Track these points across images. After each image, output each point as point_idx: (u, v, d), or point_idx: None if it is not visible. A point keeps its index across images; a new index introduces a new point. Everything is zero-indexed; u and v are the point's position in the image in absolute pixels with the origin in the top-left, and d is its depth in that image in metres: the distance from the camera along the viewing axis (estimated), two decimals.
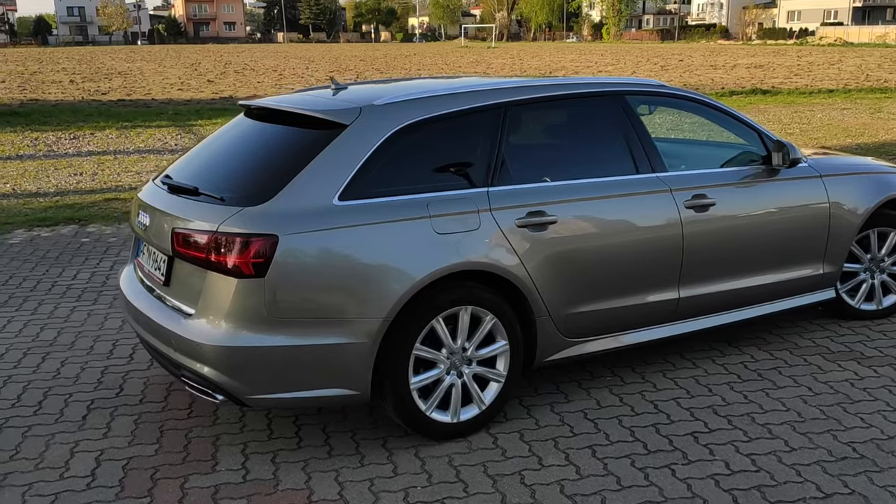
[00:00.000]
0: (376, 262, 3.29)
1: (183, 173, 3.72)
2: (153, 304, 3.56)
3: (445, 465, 3.34)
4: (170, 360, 3.42)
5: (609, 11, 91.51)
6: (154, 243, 3.58)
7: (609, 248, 3.82)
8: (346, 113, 3.48)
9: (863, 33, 70.88)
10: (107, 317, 5.20)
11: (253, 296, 3.15)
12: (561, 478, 3.23)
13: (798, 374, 4.17)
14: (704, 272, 4.12)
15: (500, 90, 3.78)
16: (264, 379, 3.22)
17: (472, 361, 3.56)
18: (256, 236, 3.14)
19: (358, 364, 3.28)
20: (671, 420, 3.69)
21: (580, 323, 3.79)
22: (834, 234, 4.58)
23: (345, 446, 3.51)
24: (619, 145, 3.99)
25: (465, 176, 3.59)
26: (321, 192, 3.27)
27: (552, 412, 3.80)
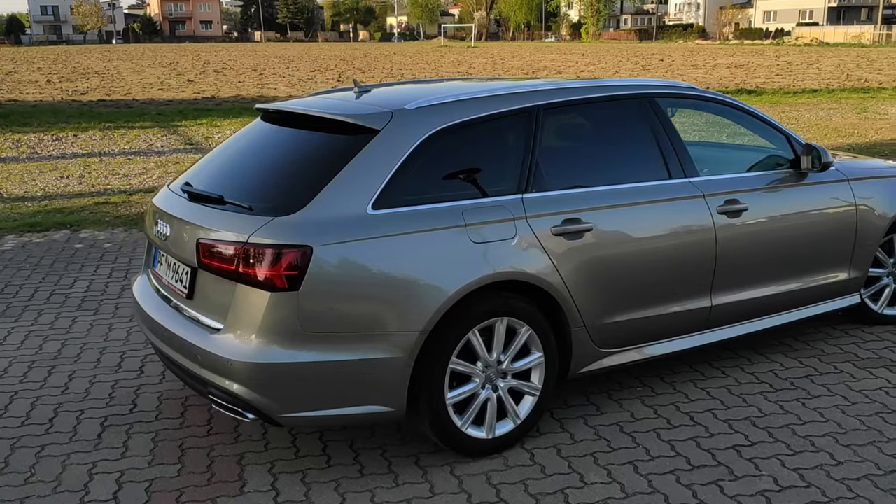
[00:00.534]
0: (413, 273, 3.16)
1: (204, 180, 3.56)
2: (175, 317, 3.40)
3: (483, 484, 3.22)
4: (194, 377, 3.26)
5: (587, 11, 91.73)
6: (175, 254, 3.42)
7: (644, 255, 3.71)
8: (376, 117, 3.34)
9: (838, 33, 71.66)
10: (111, 327, 5.02)
11: (286, 310, 3.00)
12: (606, 496, 3.11)
13: (830, 383, 4.09)
14: (736, 279, 4.03)
15: (531, 93, 3.67)
16: (297, 396, 3.07)
17: (508, 374, 3.44)
18: (290, 247, 2.99)
19: (394, 379, 3.14)
20: (710, 433, 3.59)
21: (614, 333, 3.68)
22: (861, 238, 4.51)
23: (376, 465, 3.38)
24: (651, 149, 3.88)
25: (498, 182, 3.47)
26: (354, 201, 3.14)
27: (586, 426, 3.68)
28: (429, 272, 3.18)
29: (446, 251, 3.22)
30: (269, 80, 28.83)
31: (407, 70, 35.59)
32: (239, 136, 3.91)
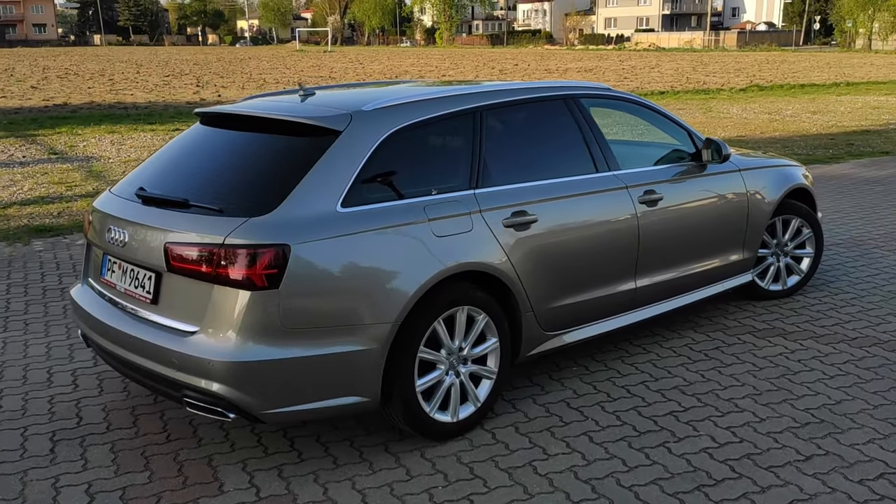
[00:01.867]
0: (384, 267, 3.30)
1: (158, 184, 3.55)
2: (136, 323, 3.37)
3: (456, 464, 3.40)
4: (164, 381, 3.26)
5: (441, 17, 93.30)
6: (134, 260, 3.40)
7: (580, 242, 4.01)
8: (336, 119, 3.45)
9: (672, 39, 76.48)
10: (26, 343, 4.82)
11: (266, 308, 3.07)
12: (570, 465, 3.37)
13: (738, 353, 4.55)
14: (655, 262, 4.41)
15: (474, 94, 3.88)
16: (279, 392, 3.14)
17: (468, 360, 3.64)
18: (268, 247, 3.07)
19: (369, 370, 3.27)
20: (647, 402, 3.93)
21: (557, 316, 3.96)
22: (751, 222, 5.02)
23: (348, 455, 3.49)
24: (579, 145, 4.19)
25: (451, 179, 3.66)
26: (324, 200, 3.24)
27: (535, 404, 3.94)
28: (398, 265, 3.33)
29: (413, 245, 3.38)
30: (122, 86, 27.64)
31: (267, 74, 35.03)
32: (183, 141, 3.90)
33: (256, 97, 4.29)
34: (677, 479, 3.24)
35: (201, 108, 4.10)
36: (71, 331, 5.02)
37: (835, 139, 13.94)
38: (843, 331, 4.85)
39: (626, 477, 3.27)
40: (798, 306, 5.31)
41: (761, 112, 18.48)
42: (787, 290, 5.47)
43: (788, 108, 19.55)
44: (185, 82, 29.94)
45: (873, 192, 9.31)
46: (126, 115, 18.17)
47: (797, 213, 5.39)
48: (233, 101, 4.20)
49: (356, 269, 3.24)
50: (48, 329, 5.06)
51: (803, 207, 5.42)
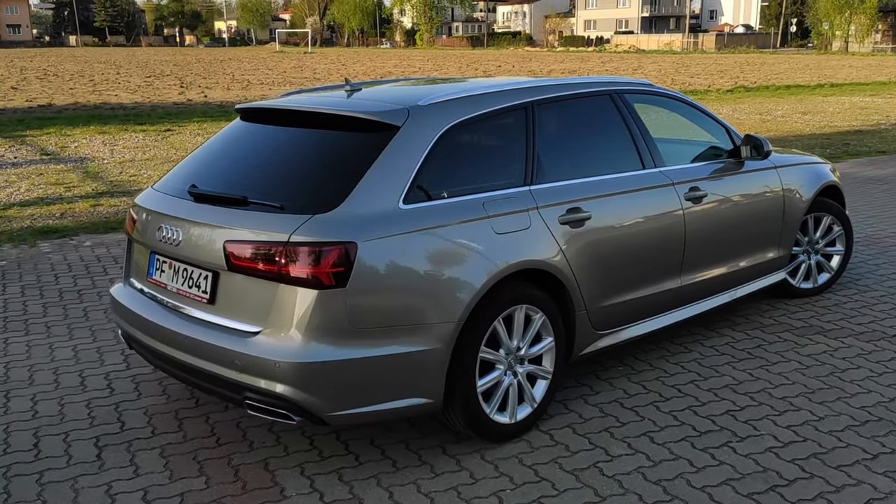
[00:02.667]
0: (447, 264, 3.22)
1: (210, 182, 3.45)
2: (191, 324, 3.26)
3: (519, 466, 3.33)
4: (223, 382, 3.15)
5: (421, 18, 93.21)
6: (189, 259, 3.29)
7: (631, 239, 3.96)
8: (394, 114, 3.37)
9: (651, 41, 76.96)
10: (51, 347, 4.69)
11: (333, 307, 2.98)
12: (636, 466, 3.31)
13: (781, 350, 4.51)
14: (700, 259, 4.37)
15: (526, 89, 3.82)
16: (345, 394, 3.06)
17: (524, 360, 3.57)
18: (334, 244, 2.98)
19: (434, 371, 3.20)
20: (701, 402, 3.88)
21: (608, 315, 3.90)
22: (787, 219, 5.00)
23: (406, 458, 3.40)
24: (627, 141, 4.14)
25: (507, 175, 3.59)
26: (386, 197, 3.16)
27: (588, 405, 3.88)
28: (462, 263, 3.26)
29: (475, 242, 3.31)
30: (104, 87, 27.27)
31: (250, 75, 34.79)
32: (228, 137, 3.80)
33: (294, 93, 4.20)
34: (748, 480, 3.19)
35: (242, 104, 4.01)
36: (97, 333, 4.89)
37: (830, 139, 14.04)
38: (881, 328, 4.84)
39: (696, 478, 3.22)
40: (830, 304, 5.30)
41: (752, 113, 18.58)
42: (817, 288, 5.46)
43: (778, 108, 19.69)
44: (168, 83, 29.61)
45: (879, 190, 9.36)
46: (113, 115, 17.92)
47: (828, 210, 5.38)
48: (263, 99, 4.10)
49: (421, 266, 3.16)
50: (71, 332, 4.93)
51: (834, 205, 5.41)
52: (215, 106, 20.59)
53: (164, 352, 3.36)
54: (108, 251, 6.83)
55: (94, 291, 5.72)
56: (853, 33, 68.67)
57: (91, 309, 5.34)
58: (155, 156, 12.22)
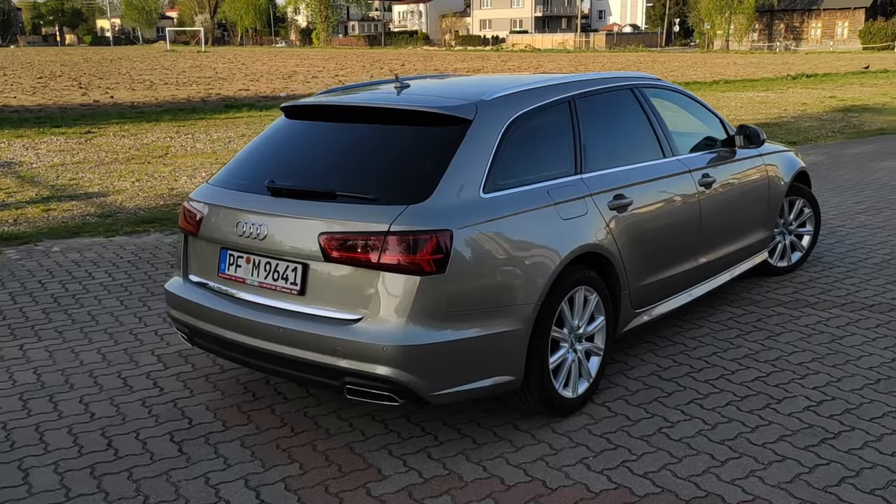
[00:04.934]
0: (526, 249, 3.43)
1: (285, 177, 3.52)
2: (280, 316, 3.33)
3: (590, 436, 3.56)
4: (318, 370, 3.25)
5: (317, 17, 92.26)
6: (274, 252, 3.37)
7: (662, 222, 4.27)
8: (465, 108, 3.54)
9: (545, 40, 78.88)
10: (74, 351, 4.61)
11: (434, 292, 3.14)
12: (698, 429, 3.60)
13: (781, 322, 4.93)
14: (711, 240, 4.73)
15: (568, 83, 4.06)
16: (444, 374, 3.21)
17: (582, 338, 3.81)
18: (432, 232, 3.13)
19: (517, 350, 3.39)
20: (730, 370, 4.22)
21: (643, 294, 4.19)
22: (771, 202, 5.43)
23: (483, 435, 3.58)
24: (650, 132, 4.45)
25: (561, 164, 3.82)
26: (469, 187, 3.33)
27: (629, 378, 4.15)
28: (538, 248, 3.47)
29: (547, 228, 3.52)
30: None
31: (148, 75, 33.75)
32: (279, 135, 3.89)
33: (335, 90, 4.29)
34: (800, 435, 3.53)
35: (288, 101, 4.09)
36: (115, 336, 4.83)
37: None
38: (859, 299, 5.33)
39: (755, 436, 3.53)
40: (805, 280, 5.78)
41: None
42: (791, 266, 5.94)
43: None
44: (64, 84, 28.41)
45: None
46: (21, 118, 17.12)
47: (800, 193, 5.86)
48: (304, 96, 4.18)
49: (506, 252, 3.35)
50: (87, 336, 4.84)
51: (805, 188, 5.90)
52: (127, 107, 19.97)
53: (249, 344, 3.41)
54: (82, 255, 6.67)
55: (89, 296, 5.61)
56: (732, 32, 72.44)
57: (96, 313, 5.25)
58: (86, 159, 11.83)
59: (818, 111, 18.55)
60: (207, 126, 15.89)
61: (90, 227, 7.66)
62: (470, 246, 3.23)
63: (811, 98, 21.93)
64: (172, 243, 7.06)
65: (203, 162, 11.60)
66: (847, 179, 9.95)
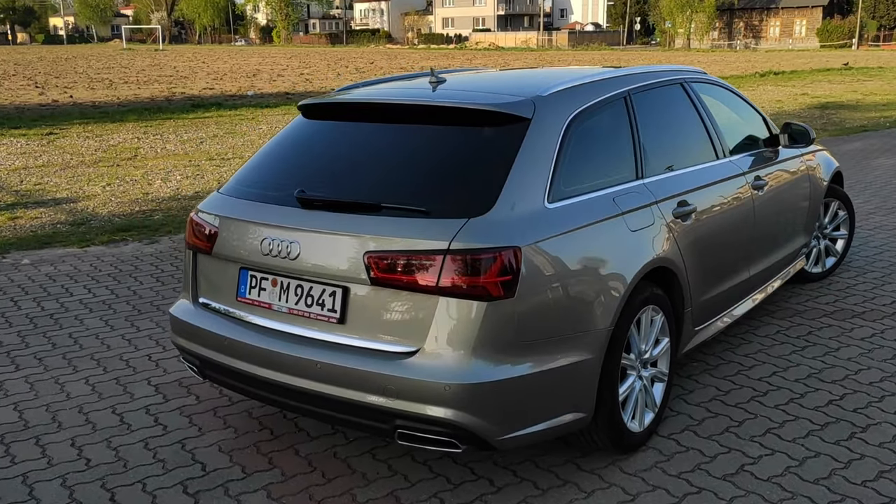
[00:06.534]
0: (596, 267, 2.99)
1: (320, 186, 3.04)
2: (315, 348, 2.85)
3: (665, 476, 3.14)
4: (363, 411, 2.78)
5: (277, 15, 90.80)
6: (308, 274, 2.88)
7: (721, 232, 3.87)
8: (521, 105, 3.08)
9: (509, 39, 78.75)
10: (58, 381, 4.06)
11: (502, 320, 2.68)
12: (785, 466, 3.20)
13: (834, 336, 4.56)
14: (763, 248, 4.34)
15: (622, 77, 3.63)
16: (515, 414, 2.77)
17: (646, 364, 3.39)
18: (499, 250, 2.68)
19: (589, 382, 2.96)
20: (799, 394, 3.83)
21: (702, 310, 3.79)
22: (812, 205, 5.07)
23: (544, 478, 3.14)
24: (703, 131, 4.04)
25: (622, 168, 3.40)
26: (534, 196, 2.89)
27: (690, 404, 3.74)
28: (609, 264, 3.04)
29: (616, 242, 3.10)
30: None
31: (106, 74, 32.71)
32: (299, 137, 3.40)
33: (355, 86, 3.80)
34: None
35: (306, 100, 3.60)
36: (104, 363, 4.29)
37: None
38: None
39: (850, 473, 3.14)
40: (843, 286, 5.43)
41: None
42: (825, 272, 5.59)
43: None
44: (19, 83, 27.31)
45: None
46: None
47: (835, 195, 5.52)
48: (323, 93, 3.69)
49: (574, 270, 2.91)
50: (71, 363, 4.30)
51: (840, 190, 5.56)
52: (88, 106, 19.14)
53: (278, 380, 2.92)
54: (56, 269, 6.08)
55: (69, 315, 5.05)
56: (693, 31, 73.01)
57: (79, 335, 4.70)
58: (50, 161, 11.14)
59: (795, 108, 18.45)
60: (176, 126, 15.22)
61: (62, 237, 7.06)
62: (539, 265, 2.78)
63: (784, 95, 21.86)
64: (154, 253, 6.51)
65: (176, 164, 10.98)
66: (846, 178, 9.69)
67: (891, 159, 11.03)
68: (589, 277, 2.96)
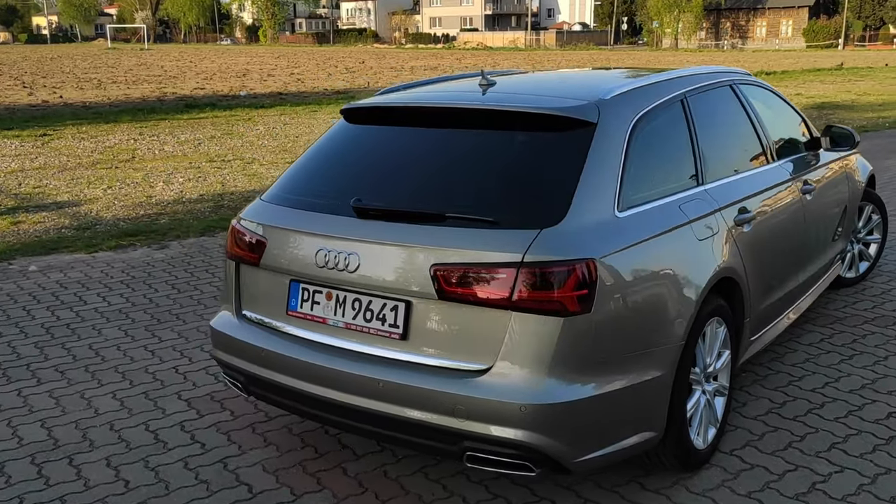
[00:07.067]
0: (669, 278, 2.86)
1: (376, 194, 2.89)
2: (376, 366, 2.70)
3: (736, 497, 3.01)
4: (427, 432, 2.63)
5: (263, 14, 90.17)
6: (369, 288, 2.73)
7: (777, 238, 3.76)
8: (586, 109, 2.94)
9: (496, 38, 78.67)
10: (84, 397, 3.89)
11: (579, 336, 2.54)
12: (857, 484, 3.08)
13: (881, 343, 4.45)
14: (811, 252, 4.23)
15: (678, 79, 3.50)
16: (590, 435, 2.63)
17: (709, 378, 3.26)
18: (575, 262, 2.54)
19: (661, 399, 2.83)
20: (856, 405, 3.72)
21: (758, 319, 3.66)
22: (850, 209, 4.96)
23: (609, 499, 3.00)
24: (754, 135, 3.92)
25: (683, 173, 3.27)
26: (604, 205, 2.75)
27: (746, 418, 3.62)
28: (679, 276, 2.91)
29: (686, 251, 2.97)
30: None
31: (94, 73, 32.35)
32: (347, 142, 3.26)
33: (396, 89, 3.64)
34: None
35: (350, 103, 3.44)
36: (130, 377, 4.12)
37: None
38: None
39: None
40: (878, 292, 5.34)
41: None
42: (859, 277, 5.49)
43: None
44: (6, 83, 26.94)
45: None
46: None
47: (869, 199, 5.42)
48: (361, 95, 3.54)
49: (648, 283, 2.78)
50: (95, 376, 4.13)
51: (874, 193, 5.46)
52: (79, 107, 18.87)
53: (334, 399, 2.77)
54: (65, 275, 5.89)
55: (86, 325, 4.87)
56: (681, 30, 73.21)
57: (99, 347, 4.52)
58: (46, 164, 10.91)
59: None
60: (171, 127, 14.99)
61: (68, 242, 6.86)
62: (613, 277, 2.64)
63: None
64: (165, 259, 6.33)
65: (176, 166, 10.78)
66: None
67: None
68: (662, 290, 2.83)
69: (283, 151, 12.01)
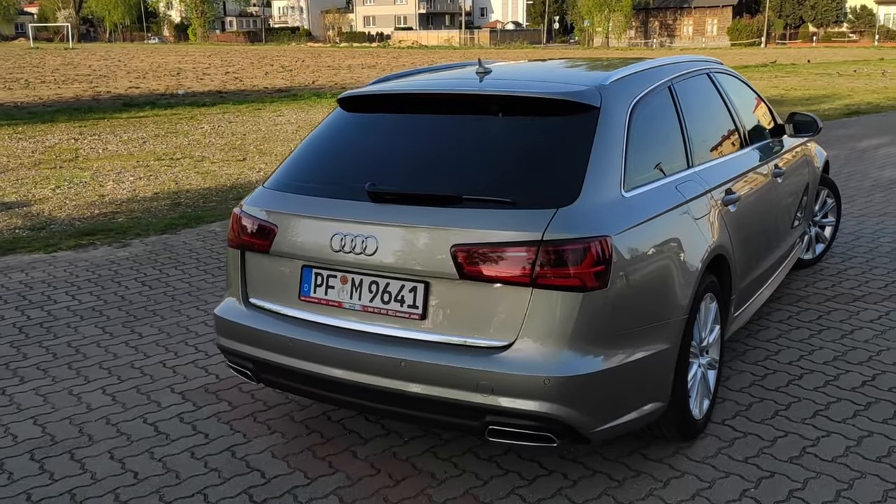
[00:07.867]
0: (672, 255, 2.99)
1: (390, 179, 2.93)
2: (397, 346, 2.75)
3: (734, 462, 3.15)
4: (450, 408, 2.69)
5: (192, 12, 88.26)
6: (387, 270, 2.77)
7: (757, 218, 3.93)
8: (589, 94, 3.04)
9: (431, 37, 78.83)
10: (73, 393, 3.82)
11: (597, 310, 2.64)
12: (846, 446, 3.26)
13: (845, 319, 4.68)
14: (780, 233, 4.42)
15: (664, 66, 3.63)
16: (607, 405, 2.73)
17: (703, 352, 3.40)
18: (591, 239, 2.63)
19: (668, 370, 2.95)
20: (832, 375, 3.91)
21: (741, 296, 3.83)
22: (810, 192, 5.20)
23: (617, 469, 3.11)
24: (730, 120, 4.08)
25: (675, 156, 3.40)
26: (612, 185, 2.86)
27: (732, 390, 3.78)
28: (681, 253, 3.03)
29: (685, 229, 3.10)
30: None
31: (17, 73, 31.24)
32: (354, 129, 3.28)
33: (390, 78, 3.69)
34: None
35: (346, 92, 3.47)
36: (116, 372, 4.06)
37: None
38: None
39: None
40: (834, 272, 5.59)
41: None
42: (815, 259, 5.75)
43: None
44: None
45: None
46: None
47: (825, 183, 5.67)
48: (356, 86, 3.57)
49: (656, 260, 2.90)
50: (80, 373, 4.06)
51: (828, 178, 5.72)
52: (10, 106, 18.27)
53: (354, 380, 2.80)
54: (28, 276, 5.75)
55: (59, 323, 4.76)
56: (611, 30, 74.60)
57: (78, 344, 4.44)
58: None
59: None
60: (112, 126, 14.64)
61: (24, 243, 6.67)
62: (626, 254, 2.75)
63: None
64: (130, 258, 6.22)
65: (124, 165, 10.55)
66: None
67: (833, 150, 11.47)
68: (668, 266, 2.95)
69: (232, 149, 11.86)
